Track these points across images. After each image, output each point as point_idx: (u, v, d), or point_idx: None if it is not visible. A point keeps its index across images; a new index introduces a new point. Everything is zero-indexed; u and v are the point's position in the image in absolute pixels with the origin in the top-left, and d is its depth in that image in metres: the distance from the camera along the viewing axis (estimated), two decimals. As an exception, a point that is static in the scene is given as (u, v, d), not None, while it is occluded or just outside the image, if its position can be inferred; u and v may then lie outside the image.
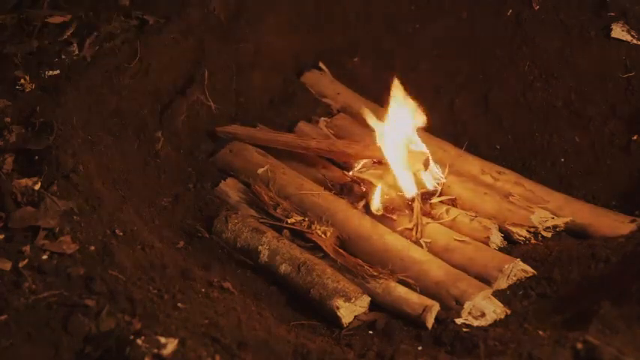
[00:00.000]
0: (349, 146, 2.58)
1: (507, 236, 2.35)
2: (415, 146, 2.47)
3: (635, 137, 2.56)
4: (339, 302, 2.09)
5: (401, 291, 2.12)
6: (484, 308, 2.03)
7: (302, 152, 2.63)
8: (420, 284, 2.13)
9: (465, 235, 2.30)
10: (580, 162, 2.62)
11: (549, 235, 2.34)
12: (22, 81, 2.41)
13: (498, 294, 2.11)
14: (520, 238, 2.33)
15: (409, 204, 2.39)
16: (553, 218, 2.35)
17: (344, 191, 2.49)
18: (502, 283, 2.14)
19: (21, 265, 1.78)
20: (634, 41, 2.62)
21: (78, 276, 1.78)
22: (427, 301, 2.06)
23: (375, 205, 2.39)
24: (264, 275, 2.28)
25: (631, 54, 2.62)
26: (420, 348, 1.91)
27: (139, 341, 1.54)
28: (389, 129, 2.47)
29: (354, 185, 2.48)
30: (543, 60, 2.78)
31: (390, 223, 2.36)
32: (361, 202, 2.42)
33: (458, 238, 2.28)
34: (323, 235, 2.31)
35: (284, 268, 2.22)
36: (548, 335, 1.68)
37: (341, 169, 2.59)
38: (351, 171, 2.53)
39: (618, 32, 2.64)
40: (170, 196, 2.50)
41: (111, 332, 1.61)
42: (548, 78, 2.75)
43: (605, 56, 2.66)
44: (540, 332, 1.75)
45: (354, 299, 2.10)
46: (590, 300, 1.82)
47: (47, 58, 2.54)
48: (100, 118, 2.46)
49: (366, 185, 2.45)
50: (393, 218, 2.37)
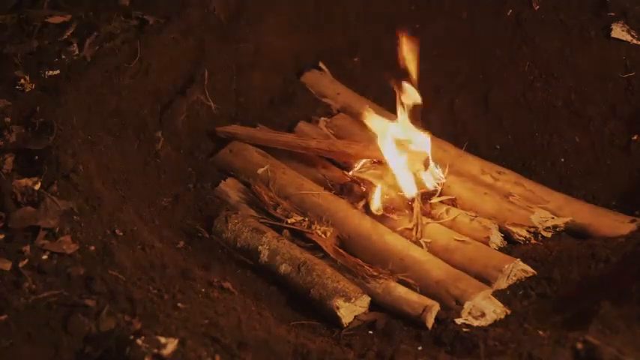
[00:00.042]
0: (349, 146, 2.57)
1: (507, 236, 2.35)
2: (416, 140, 2.47)
3: (635, 137, 2.56)
4: (339, 302, 2.09)
5: (401, 291, 2.11)
6: (484, 308, 2.03)
7: (302, 152, 2.63)
8: (420, 284, 2.13)
9: (465, 235, 2.30)
10: (580, 162, 2.62)
11: (549, 235, 2.34)
12: (22, 81, 2.41)
13: (498, 294, 2.11)
14: (520, 238, 2.33)
15: (409, 204, 2.39)
16: (553, 218, 2.35)
17: (344, 191, 2.49)
18: (502, 283, 2.14)
19: (21, 265, 1.78)
20: (634, 41, 2.62)
21: (78, 276, 1.78)
22: (427, 301, 2.06)
23: (375, 205, 2.39)
24: (264, 275, 2.28)
25: (631, 54, 2.62)
26: (420, 348, 1.91)
27: (139, 341, 1.54)
28: (389, 129, 2.47)
29: (354, 185, 2.48)
30: (543, 60, 2.78)
31: (390, 223, 2.36)
32: (361, 202, 2.42)
33: (458, 238, 2.28)
34: (323, 235, 2.31)
35: (284, 268, 2.22)
36: (548, 335, 1.68)
37: (341, 169, 2.59)
38: (351, 171, 2.52)
39: (618, 32, 2.64)
40: (170, 196, 2.50)
41: (111, 332, 1.61)
42: (548, 78, 2.75)
43: (605, 56, 2.66)
44: (540, 332, 1.75)
45: (354, 299, 2.10)
46: (590, 300, 1.82)
47: (47, 58, 2.54)
48: (100, 118, 2.46)
49: (366, 185, 2.45)
50: (393, 218, 2.37)
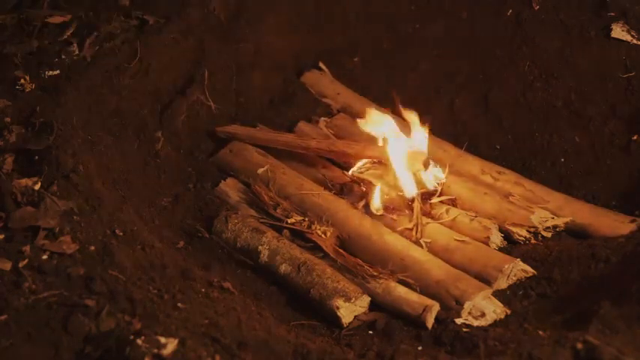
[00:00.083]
0: (349, 146, 2.57)
1: (507, 236, 2.35)
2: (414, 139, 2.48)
3: (635, 137, 2.56)
4: (339, 302, 2.09)
5: (401, 291, 2.11)
6: (484, 308, 2.03)
7: (302, 152, 2.63)
8: (420, 284, 2.13)
9: (465, 235, 2.30)
10: (580, 162, 2.62)
11: (549, 235, 2.34)
12: (22, 81, 2.41)
13: (498, 294, 2.11)
14: (520, 238, 2.33)
15: (409, 204, 2.39)
16: (553, 218, 2.35)
17: (344, 191, 2.49)
18: (502, 283, 2.14)
19: (21, 265, 1.77)
20: (634, 41, 2.62)
21: (78, 276, 1.78)
22: (427, 301, 2.06)
23: (375, 205, 2.39)
24: (264, 275, 2.28)
25: (631, 54, 2.62)
26: (420, 348, 1.91)
27: (139, 341, 1.54)
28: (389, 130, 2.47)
29: (354, 185, 2.48)
30: (543, 60, 2.78)
31: (390, 223, 2.36)
32: (361, 202, 2.42)
33: (458, 238, 2.28)
34: (323, 235, 2.31)
35: (284, 268, 2.22)
36: (548, 335, 1.68)
37: (341, 169, 2.59)
38: (351, 171, 2.53)
39: (618, 32, 2.64)
40: (170, 196, 2.50)
41: (111, 332, 1.61)
42: (548, 78, 2.75)
43: (605, 56, 2.66)
44: (540, 332, 1.75)
45: (354, 299, 2.10)
46: (590, 300, 1.82)
47: (47, 58, 2.54)
48: (100, 118, 2.46)
49: (366, 185, 2.45)
50: (393, 218, 2.37)
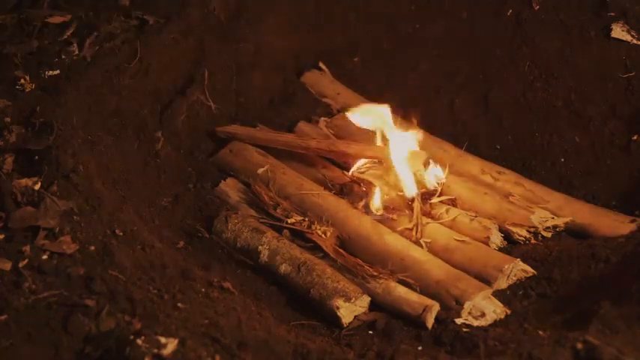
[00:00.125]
0: (349, 146, 2.57)
1: (507, 236, 2.35)
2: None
3: (635, 137, 2.56)
4: (339, 302, 2.09)
5: (401, 291, 2.11)
6: (484, 308, 2.03)
7: (302, 152, 2.63)
8: (420, 284, 2.13)
9: (465, 235, 2.30)
10: (580, 162, 2.62)
11: (549, 235, 2.34)
12: (22, 81, 2.41)
13: (498, 294, 2.11)
14: (520, 238, 2.33)
15: (409, 204, 2.39)
16: (553, 218, 2.35)
17: (344, 191, 2.49)
18: (502, 283, 2.14)
19: (21, 265, 1.77)
20: (634, 41, 2.62)
21: (78, 276, 1.78)
22: (427, 301, 2.06)
23: (375, 205, 2.39)
24: (264, 275, 2.27)
25: (631, 54, 2.62)
26: (420, 348, 1.91)
27: (139, 341, 1.54)
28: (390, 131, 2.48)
29: (354, 185, 2.48)
30: (543, 60, 2.78)
31: (390, 223, 2.36)
32: (361, 202, 2.42)
33: (458, 238, 2.28)
34: (323, 235, 2.31)
35: (284, 268, 2.22)
36: (548, 335, 1.68)
37: (341, 169, 2.59)
38: (351, 171, 2.53)
39: (618, 32, 2.64)
40: (170, 196, 2.50)
41: (111, 332, 1.61)
42: (548, 78, 2.75)
43: (605, 56, 2.66)
44: (540, 332, 1.75)
45: (354, 299, 2.10)
46: (590, 300, 1.82)
47: (47, 58, 2.54)
48: (100, 118, 2.46)
49: (366, 185, 2.45)
50: (393, 218, 2.37)
